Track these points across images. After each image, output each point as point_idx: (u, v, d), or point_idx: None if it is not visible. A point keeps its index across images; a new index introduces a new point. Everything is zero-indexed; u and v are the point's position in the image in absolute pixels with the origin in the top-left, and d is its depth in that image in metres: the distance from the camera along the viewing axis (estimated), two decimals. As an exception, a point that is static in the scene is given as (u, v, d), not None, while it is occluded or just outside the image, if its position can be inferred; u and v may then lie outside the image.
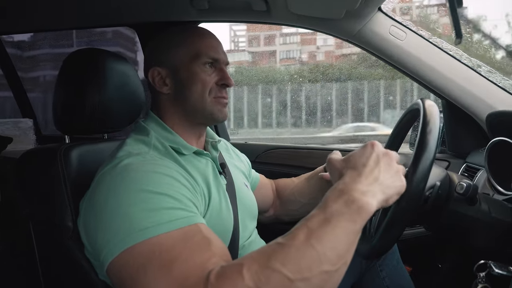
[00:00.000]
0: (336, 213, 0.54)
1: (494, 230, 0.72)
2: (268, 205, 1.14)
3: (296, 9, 1.14)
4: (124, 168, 0.67)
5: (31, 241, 0.80)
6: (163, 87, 0.82)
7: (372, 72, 2.56)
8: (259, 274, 0.51)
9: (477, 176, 1.05)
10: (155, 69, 0.82)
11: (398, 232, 0.66)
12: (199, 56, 0.81)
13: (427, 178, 0.63)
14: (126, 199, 0.61)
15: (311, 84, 2.66)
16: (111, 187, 0.64)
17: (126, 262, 0.58)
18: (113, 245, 0.59)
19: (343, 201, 0.55)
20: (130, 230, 0.58)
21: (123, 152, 0.72)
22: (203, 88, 0.81)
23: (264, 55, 3.52)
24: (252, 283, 0.51)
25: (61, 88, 0.88)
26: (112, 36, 2.71)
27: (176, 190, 0.65)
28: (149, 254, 0.57)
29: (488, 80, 1.16)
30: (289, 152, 1.56)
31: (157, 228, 0.58)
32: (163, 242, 0.58)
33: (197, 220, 0.63)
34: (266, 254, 0.54)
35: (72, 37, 2.41)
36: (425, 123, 0.66)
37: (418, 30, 1.19)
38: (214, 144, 0.91)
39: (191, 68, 0.80)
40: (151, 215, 0.60)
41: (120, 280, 0.59)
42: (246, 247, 0.88)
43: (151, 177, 0.65)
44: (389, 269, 1.04)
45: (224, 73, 0.84)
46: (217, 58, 0.83)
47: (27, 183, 0.80)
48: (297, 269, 0.51)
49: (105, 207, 0.63)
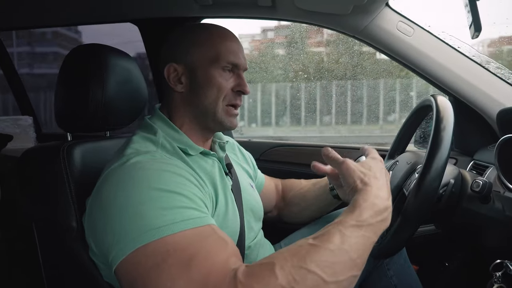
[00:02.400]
0: (366, 223, 0.59)
1: (507, 229, 0.70)
2: (270, 207, 1.13)
3: (303, 4, 1.12)
4: (133, 166, 0.65)
5: (33, 241, 0.78)
6: (178, 85, 0.80)
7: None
8: (293, 274, 0.51)
9: (486, 174, 1.03)
10: (171, 65, 0.80)
11: (411, 232, 0.65)
12: (218, 59, 0.78)
13: (442, 177, 0.62)
14: (137, 197, 0.59)
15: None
16: (120, 185, 0.62)
17: (137, 262, 0.55)
18: (123, 244, 0.57)
19: (374, 212, 0.60)
20: (142, 229, 0.56)
21: (131, 149, 0.70)
22: (218, 93, 0.79)
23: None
24: (285, 282, 0.51)
25: (63, 85, 0.86)
26: (52, 37, 2.74)
27: (188, 190, 0.64)
28: (163, 254, 0.54)
29: (497, 76, 1.14)
30: (293, 150, 1.55)
31: (171, 227, 0.56)
32: (178, 241, 0.56)
33: (209, 221, 0.62)
34: (300, 254, 0.54)
35: (12, 37, 2.37)
36: (439, 120, 0.65)
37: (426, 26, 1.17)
38: (222, 145, 0.89)
39: (209, 70, 0.78)
40: (164, 214, 0.58)
41: (130, 281, 0.57)
42: (252, 248, 0.87)
43: (162, 176, 0.63)
44: (397, 267, 1.03)
45: (242, 80, 0.81)
46: (237, 63, 0.80)
47: (29, 181, 0.78)
48: (332, 271, 0.53)
49: (114, 205, 0.61)
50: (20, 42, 2.38)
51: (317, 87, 2.59)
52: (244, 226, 0.83)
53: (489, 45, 2.14)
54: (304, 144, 1.58)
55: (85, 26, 1.65)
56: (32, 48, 2.89)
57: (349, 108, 2.58)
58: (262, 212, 0.97)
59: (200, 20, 1.38)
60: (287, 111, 2.98)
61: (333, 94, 2.60)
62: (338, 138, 2.94)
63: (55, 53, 2.99)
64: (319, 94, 2.65)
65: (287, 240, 1.08)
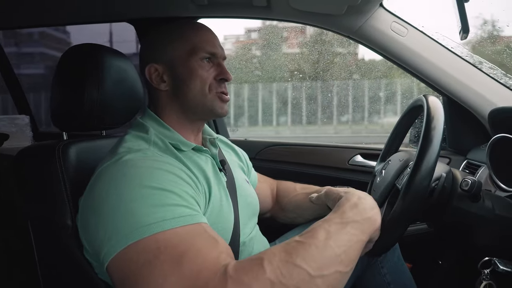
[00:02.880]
0: (351, 220, 0.63)
1: (497, 227, 0.71)
2: (265, 209, 1.12)
3: (297, 5, 1.13)
4: (125, 163, 0.65)
5: (29, 239, 0.78)
6: (161, 84, 0.81)
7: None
8: (281, 268, 0.54)
9: (479, 173, 1.05)
10: (151, 66, 0.81)
11: (402, 230, 0.66)
12: (195, 51, 0.80)
13: (432, 175, 0.63)
14: (128, 195, 0.60)
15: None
16: (112, 182, 0.63)
17: (129, 259, 0.56)
18: (115, 241, 0.57)
19: (358, 210, 0.65)
20: (134, 226, 0.57)
21: (123, 148, 0.71)
22: (202, 84, 0.80)
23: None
24: (273, 276, 0.53)
25: (59, 84, 0.86)
26: (38, 37, 2.76)
27: (180, 188, 0.64)
28: (155, 250, 0.55)
29: (490, 76, 1.15)
30: (289, 149, 1.55)
31: (162, 224, 0.57)
32: (169, 238, 0.56)
33: (201, 220, 0.62)
34: (287, 250, 0.57)
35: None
36: (429, 119, 0.66)
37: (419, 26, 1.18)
38: (212, 141, 0.90)
39: (189, 64, 0.79)
40: (155, 211, 0.58)
41: (121, 278, 0.57)
42: (247, 243, 0.88)
43: (153, 173, 0.64)
44: (390, 265, 1.03)
45: (222, 68, 0.83)
46: (214, 52, 0.82)
47: (25, 180, 0.79)
48: (317, 266, 0.55)
49: (106, 203, 0.61)
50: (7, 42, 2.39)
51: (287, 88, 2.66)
52: (238, 222, 0.83)
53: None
54: (300, 144, 1.59)
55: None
56: (18, 49, 2.91)
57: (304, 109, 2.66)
58: (258, 207, 0.97)
59: (196, 20, 1.39)
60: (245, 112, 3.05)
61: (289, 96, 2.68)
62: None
63: (42, 54, 3.01)
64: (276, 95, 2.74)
65: (283, 238, 1.08)
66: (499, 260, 0.70)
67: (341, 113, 2.76)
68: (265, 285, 0.52)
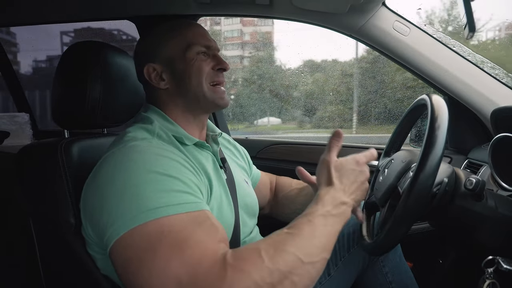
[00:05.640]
0: (329, 214, 0.67)
1: (500, 226, 0.71)
2: (264, 203, 1.14)
3: (300, 3, 1.13)
4: (131, 149, 0.66)
5: (31, 238, 0.78)
6: (161, 82, 0.82)
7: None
8: (276, 256, 0.57)
9: (480, 172, 1.05)
10: (149, 66, 0.82)
11: (405, 229, 0.66)
12: (191, 46, 0.81)
13: (435, 176, 0.62)
14: (134, 179, 0.60)
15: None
16: (118, 166, 0.63)
17: (133, 241, 0.56)
18: (120, 223, 0.57)
19: (333, 206, 0.68)
20: (139, 209, 0.57)
21: (128, 137, 0.71)
22: (200, 75, 0.81)
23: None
24: (271, 264, 0.56)
25: (61, 81, 0.85)
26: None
27: (184, 175, 0.65)
28: (158, 234, 0.56)
29: (492, 76, 1.15)
30: (290, 148, 1.56)
31: (167, 209, 0.58)
32: (173, 223, 0.57)
33: (204, 207, 0.63)
34: (279, 240, 0.61)
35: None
36: (433, 119, 0.65)
37: (422, 25, 1.18)
38: (214, 138, 0.91)
39: (186, 59, 0.81)
40: (160, 196, 0.59)
41: (124, 261, 0.57)
42: (247, 243, 0.88)
43: (159, 160, 0.64)
44: (392, 264, 1.04)
45: (218, 58, 0.84)
46: (209, 45, 0.84)
47: (27, 178, 0.78)
48: (307, 253, 0.60)
49: (112, 186, 0.61)
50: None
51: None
52: (239, 219, 0.84)
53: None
54: (301, 142, 1.59)
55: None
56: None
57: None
58: (257, 208, 0.98)
59: (198, 18, 1.38)
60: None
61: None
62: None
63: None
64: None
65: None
66: (503, 258, 0.70)
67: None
68: (264, 272, 0.55)
